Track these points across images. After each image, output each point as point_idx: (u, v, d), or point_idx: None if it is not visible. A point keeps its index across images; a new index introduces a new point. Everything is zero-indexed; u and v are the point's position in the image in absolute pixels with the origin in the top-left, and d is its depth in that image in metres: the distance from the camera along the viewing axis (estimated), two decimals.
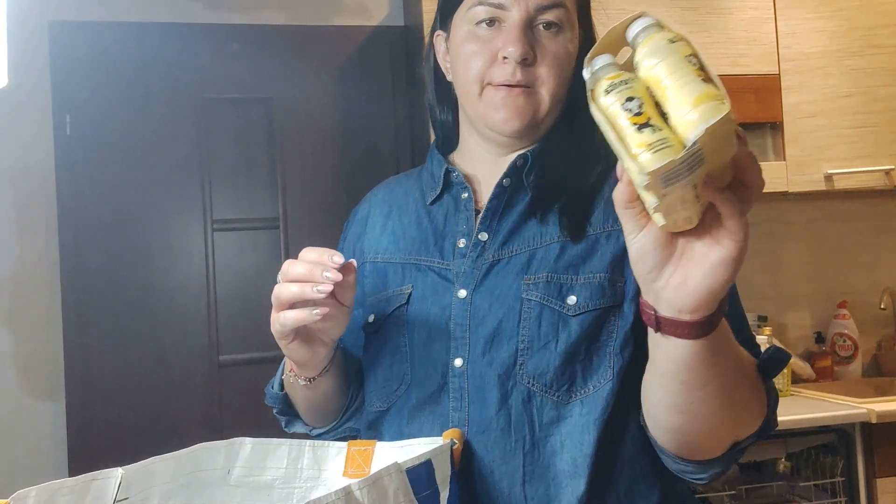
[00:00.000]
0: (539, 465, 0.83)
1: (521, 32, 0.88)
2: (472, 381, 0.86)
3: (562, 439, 0.83)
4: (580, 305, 0.85)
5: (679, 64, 0.55)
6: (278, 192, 2.49)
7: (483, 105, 0.91)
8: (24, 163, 2.38)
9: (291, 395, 0.99)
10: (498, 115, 0.90)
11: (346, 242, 1.07)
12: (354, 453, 0.85)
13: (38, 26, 2.39)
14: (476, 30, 0.90)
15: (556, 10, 0.89)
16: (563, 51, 0.90)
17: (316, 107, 2.54)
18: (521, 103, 0.89)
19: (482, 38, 0.90)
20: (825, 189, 2.34)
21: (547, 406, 0.84)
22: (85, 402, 2.33)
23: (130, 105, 2.42)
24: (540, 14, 0.89)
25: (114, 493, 0.73)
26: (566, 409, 0.84)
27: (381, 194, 1.07)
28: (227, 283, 2.46)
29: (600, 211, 0.90)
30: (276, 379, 1.00)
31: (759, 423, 0.82)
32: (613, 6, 2.25)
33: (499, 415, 0.84)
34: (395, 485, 0.70)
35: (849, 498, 2.04)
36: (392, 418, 0.92)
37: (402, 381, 0.91)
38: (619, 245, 0.87)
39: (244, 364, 2.43)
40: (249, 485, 0.84)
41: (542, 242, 0.89)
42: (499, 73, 0.89)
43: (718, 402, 0.74)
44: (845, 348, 2.61)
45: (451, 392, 0.87)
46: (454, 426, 0.86)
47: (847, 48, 2.37)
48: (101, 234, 2.38)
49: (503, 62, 0.88)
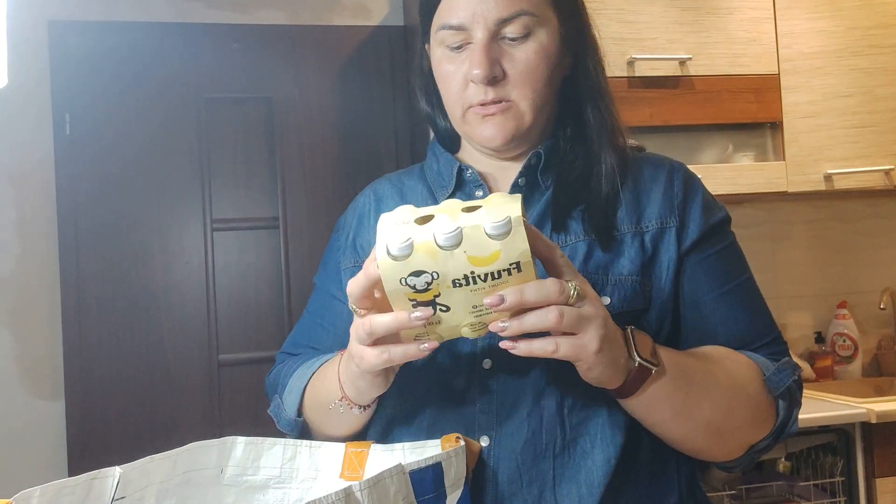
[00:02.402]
0: (570, 467, 0.82)
1: (484, 53, 0.86)
2: (502, 383, 0.85)
3: (591, 440, 0.83)
4: (614, 306, 0.84)
5: None
6: (278, 191, 2.49)
7: (468, 126, 0.91)
8: (23, 162, 2.38)
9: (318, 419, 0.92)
10: (484, 133, 0.90)
11: (343, 238, 1.02)
12: (351, 454, 0.85)
13: (38, 26, 2.38)
14: (447, 52, 0.90)
15: (519, 19, 0.87)
16: (533, 57, 0.88)
17: (316, 107, 2.54)
18: (499, 121, 0.89)
19: (455, 60, 0.89)
20: (825, 189, 2.34)
21: (577, 407, 0.83)
22: (85, 402, 2.33)
23: (130, 105, 2.42)
24: (502, 28, 0.87)
25: (112, 492, 0.73)
26: (595, 410, 0.83)
27: (384, 189, 1.02)
28: (227, 283, 2.46)
29: (622, 213, 0.90)
30: (291, 404, 0.94)
31: (765, 431, 0.85)
32: (613, 6, 2.27)
33: (530, 417, 0.83)
34: (395, 486, 0.69)
35: (848, 498, 2.04)
36: (410, 421, 0.89)
37: (425, 382, 0.88)
38: (645, 248, 0.88)
39: (243, 364, 2.43)
40: (243, 484, 0.84)
41: (567, 242, 0.88)
42: (473, 95, 0.89)
43: (684, 431, 0.82)
44: (845, 348, 2.61)
45: (479, 394, 0.85)
46: (481, 429, 0.84)
47: (847, 48, 2.37)
48: (100, 233, 2.38)
49: (472, 84, 0.88)
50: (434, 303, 0.68)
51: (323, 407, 0.89)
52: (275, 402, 0.99)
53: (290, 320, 2.42)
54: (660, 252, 0.88)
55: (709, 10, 2.30)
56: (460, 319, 0.70)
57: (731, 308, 0.90)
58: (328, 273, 1.03)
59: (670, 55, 2.26)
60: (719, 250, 0.91)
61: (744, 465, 0.88)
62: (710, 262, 0.90)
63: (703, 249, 0.90)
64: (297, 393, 0.93)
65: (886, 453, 2.01)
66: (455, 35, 0.88)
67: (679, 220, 0.89)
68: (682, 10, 2.29)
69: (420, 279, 0.66)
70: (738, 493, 2.06)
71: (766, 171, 2.31)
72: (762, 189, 2.30)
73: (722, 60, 2.30)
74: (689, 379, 0.80)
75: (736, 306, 0.90)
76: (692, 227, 0.90)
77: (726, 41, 2.30)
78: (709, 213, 0.91)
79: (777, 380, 0.86)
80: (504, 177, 0.95)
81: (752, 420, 0.84)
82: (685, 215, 0.90)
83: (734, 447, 0.86)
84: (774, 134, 2.38)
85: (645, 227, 0.89)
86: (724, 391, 0.82)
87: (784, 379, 0.86)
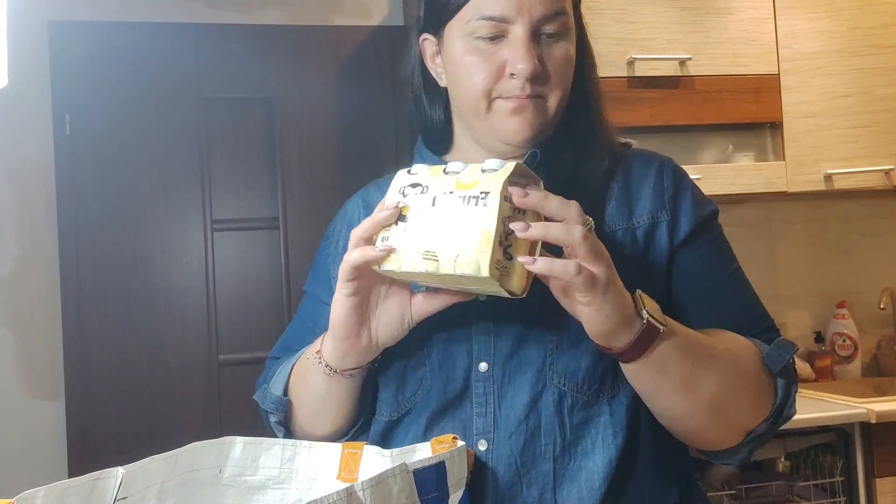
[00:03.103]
0: (570, 468, 0.82)
1: (529, 47, 0.85)
2: (499, 385, 0.84)
3: (592, 441, 0.83)
4: None
5: None
6: (278, 192, 2.49)
7: (493, 118, 0.89)
8: (23, 162, 2.38)
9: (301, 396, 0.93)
10: (510, 127, 0.88)
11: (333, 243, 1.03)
12: (347, 455, 0.85)
13: (38, 26, 2.38)
14: (476, 43, 0.87)
15: (559, 17, 0.87)
16: (566, 58, 0.88)
17: (316, 107, 2.54)
18: (529, 114, 0.87)
19: (484, 52, 0.87)
20: (824, 189, 2.34)
21: (577, 407, 0.83)
22: (85, 402, 2.33)
23: (130, 105, 2.42)
24: (543, 24, 0.86)
25: (114, 492, 0.73)
26: (595, 410, 0.84)
27: (372, 196, 1.03)
28: (227, 283, 2.46)
29: (613, 207, 0.91)
30: (278, 382, 0.95)
31: (763, 414, 0.84)
32: (612, 6, 2.27)
33: (528, 419, 0.83)
34: (399, 485, 0.69)
35: (848, 498, 2.04)
36: (407, 426, 0.89)
37: (420, 386, 0.88)
38: (637, 243, 0.89)
39: (244, 363, 2.43)
40: (242, 485, 0.84)
41: None
42: (507, 87, 0.87)
43: (688, 405, 0.81)
44: (845, 348, 2.61)
45: (475, 397, 0.85)
46: (479, 432, 0.84)
47: (847, 48, 2.37)
48: (100, 233, 2.38)
49: (511, 77, 0.86)
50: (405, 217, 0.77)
51: (303, 379, 0.91)
52: (261, 388, 0.99)
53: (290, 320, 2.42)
54: (651, 247, 0.90)
55: (709, 10, 2.30)
56: (419, 245, 0.75)
57: (724, 297, 0.91)
58: (318, 280, 1.04)
59: (670, 55, 2.26)
60: (709, 241, 0.93)
61: (741, 457, 0.87)
62: (701, 254, 0.91)
63: (695, 242, 0.91)
64: (284, 374, 0.95)
65: (886, 453, 2.01)
66: (492, 27, 0.86)
67: (670, 215, 0.90)
68: (682, 10, 2.29)
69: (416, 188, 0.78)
70: (737, 493, 2.06)
71: (766, 171, 2.31)
72: (762, 189, 2.30)
73: (722, 60, 2.30)
74: (696, 349, 0.80)
75: (729, 296, 0.92)
76: (683, 221, 0.91)
77: (726, 41, 2.30)
78: (699, 206, 0.93)
79: (776, 356, 0.86)
80: None
81: (753, 398, 0.84)
82: (676, 209, 0.91)
83: (734, 430, 0.85)
84: (774, 134, 2.38)
85: (636, 223, 0.90)
86: (727, 365, 0.82)
87: (783, 355, 0.86)
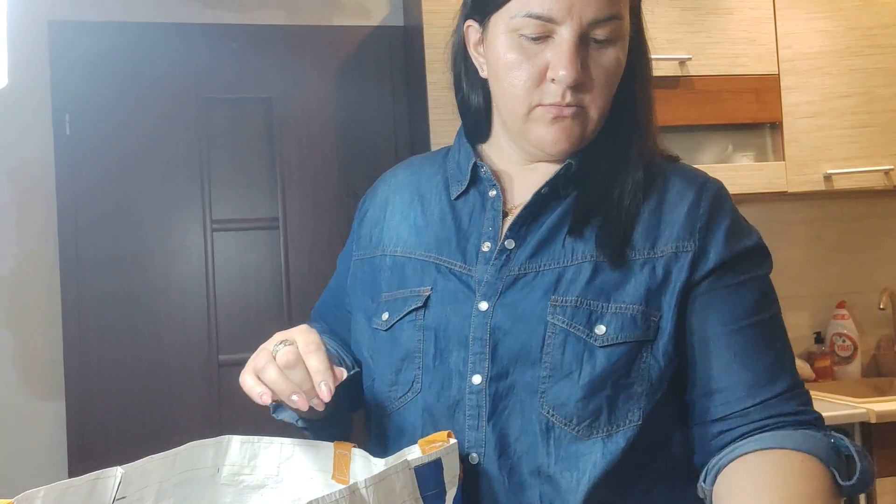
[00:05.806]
0: (560, 489, 0.79)
1: (574, 53, 0.79)
2: (492, 401, 0.82)
3: (579, 476, 0.78)
4: (609, 336, 0.80)
5: None
6: (278, 192, 2.49)
7: (531, 125, 0.84)
8: (23, 162, 2.38)
9: None
10: (547, 137, 0.84)
11: (362, 226, 1.01)
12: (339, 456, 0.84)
13: (38, 26, 2.38)
14: (520, 40, 0.82)
15: (611, 22, 0.80)
16: (614, 66, 0.83)
17: (315, 107, 2.54)
18: (569, 125, 0.83)
19: (527, 50, 0.82)
20: (824, 189, 2.34)
21: (565, 439, 0.79)
22: (85, 402, 2.33)
23: (130, 105, 2.42)
24: (594, 29, 0.80)
25: (113, 492, 0.73)
26: (586, 446, 0.79)
27: (402, 176, 1.00)
28: (227, 283, 2.46)
29: (640, 234, 0.84)
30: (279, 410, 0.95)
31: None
32: None
33: (517, 442, 0.80)
34: (402, 483, 0.70)
35: (848, 498, 2.04)
36: (399, 439, 0.87)
37: (411, 388, 0.86)
38: (655, 274, 0.82)
39: (243, 364, 2.39)
40: (240, 484, 0.84)
41: (574, 260, 0.83)
42: (547, 94, 0.82)
43: None
44: (844, 348, 2.61)
45: (468, 409, 0.82)
46: (469, 445, 0.82)
47: (846, 48, 2.37)
48: (100, 233, 2.38)
49: (552, 82, 0.81)
50: None
51: None
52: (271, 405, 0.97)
53: (290, 320, 2.42)
54: (670, 278, 0.82)
55: (709, 10, 2.30)
56: None
57: (742, 349, 0.81)
58: (344, 253, 1.05)
59: (670, 55, 2.26)
60: (741, 282, 0.84)
61: None
62: (724, 294, 0.83)
63: (721, 279, 0.83)
64: None
65: (886, 453, 2.01)
66: (538, 26, 0.80)
67: (698, 245, 0.83)
68: (682, 10, 2.29)
69: None
70: None
71: (766, 171, 2.31)
72: (762, 189, 2.30)
73: (722, 60, 2.30)
74: None
75: (749, 347, 0.82)
76: (713, 254, 0.83)
77: (726, 41, 2.30)
78: (734, 240, 0.85)
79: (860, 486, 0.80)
80: (525, 178, 0.90)
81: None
82: (706, 240, 0.83)
83: None
84: (774, 134, 2.38)
85: (660, 252, 0.83)
86: None
87: (865, 482, 0.79)
